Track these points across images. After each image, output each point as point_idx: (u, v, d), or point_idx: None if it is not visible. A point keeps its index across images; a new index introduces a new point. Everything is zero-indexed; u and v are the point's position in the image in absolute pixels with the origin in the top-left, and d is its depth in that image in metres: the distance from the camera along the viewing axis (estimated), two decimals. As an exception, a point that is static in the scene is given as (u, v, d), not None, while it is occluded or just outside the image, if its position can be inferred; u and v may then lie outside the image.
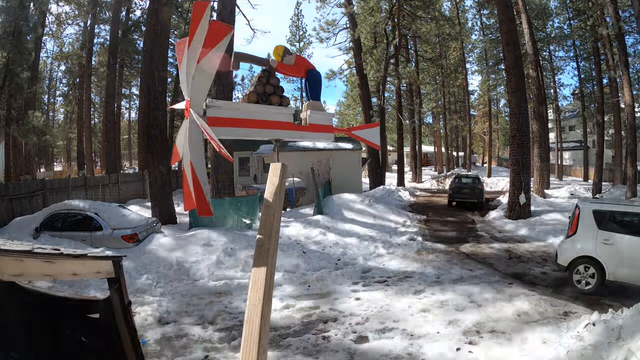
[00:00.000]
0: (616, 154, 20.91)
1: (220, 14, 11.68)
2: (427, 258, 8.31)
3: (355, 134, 3.36)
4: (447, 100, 35.31)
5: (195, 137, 2.22)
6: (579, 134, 31.76)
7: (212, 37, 2.07)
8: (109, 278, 2.15)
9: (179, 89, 22.25)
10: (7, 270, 1.99)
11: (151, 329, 5.00)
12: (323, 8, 22.28)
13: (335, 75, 23.76)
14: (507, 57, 12.37)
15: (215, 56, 2.12)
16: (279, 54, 2.86)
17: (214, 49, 2.10)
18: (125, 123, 39.03)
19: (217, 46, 2.10)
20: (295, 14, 38.32)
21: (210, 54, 2.10)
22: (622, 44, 17.89)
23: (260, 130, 2.55)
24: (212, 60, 2.12)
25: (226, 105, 2.45)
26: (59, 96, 33.09)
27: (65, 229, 8.03)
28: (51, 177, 24.77)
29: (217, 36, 2.10)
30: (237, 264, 7.30)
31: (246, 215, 9.88)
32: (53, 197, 11.76)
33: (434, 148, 41.49)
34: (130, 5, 23.29)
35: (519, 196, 11.94)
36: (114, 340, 2.21)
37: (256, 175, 20.54)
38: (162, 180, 11.02)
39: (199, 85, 2.15)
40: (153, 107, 11.21)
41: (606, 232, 5.98)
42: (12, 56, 13.61)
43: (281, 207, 2.39)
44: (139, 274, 6.85)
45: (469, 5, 33.11)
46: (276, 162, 2.51)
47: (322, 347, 4.46)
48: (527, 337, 4.45)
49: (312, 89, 2.99)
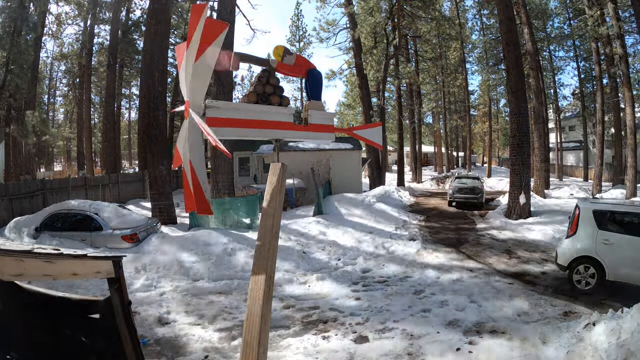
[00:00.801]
0: (616, 154, 20.92)
1: (220, 14, 11.68)
2: (427, 258, 8.31)
3: (356, 133, 3.36)
4: (447, 100, 35.31)
5: (195, 137, 2.23)
6: (579, 134, 31.74)
7: (207, 35, 2.07)
8: (109, 278, 2.15)
9: (179, 89, 22.34)
10: (7, 270, 1.99)
11: (151, 329, 5.00)
12: (323, 8, 22.33)
13: (335, 75, 23.76)
14: (507, 57, 12.36)
15: (211, 54, 2.12)
16: (279, 54, 2.86)
17: (210, 47, 2.10)
18: (125, 123, 39.05)
19: (213, 44, 2.10)
20: (295, 14, 38.39)
21: (206, 52, 2.10)
22: (622, 44, 17.91)
23: (260, 131, 2.55)
24: (208, 58, 2.12)
25: (225, 105, 2.46)
26: (59, 96, 33.14)
27: (65, 229, 8.02)
28: (51, 177, 24.77)
29: (213, 34, 2.09)
30: (237, 264, 7.31)
31: (246, 215, 9.88)
32: (53, 197, 11.77)
33: (434, 148, 41.46)
34: (130, 5, 23.32)
35: (519, 196, 11.93)
36: (114, 340, 2.21)
37: (256, 175, 20.54)
38: (162, 180, 11.03)
39: (197, 85, 2.15)
40: (153, 107, 11.21)
41: (606, 232, 5.98)
42: (12, 56, 13.61)
43: (281, 207, 2.39)
44: (139, 274, 6.85)
45: (469, 5, 33.14)
46: (276, 162, 2.52)
47: (322, 347, 4.46)
48: (527, 337, 4.46)
49: (313, 89, 2.98)
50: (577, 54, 27.55)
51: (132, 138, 40.20)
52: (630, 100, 16.85)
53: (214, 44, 2.10)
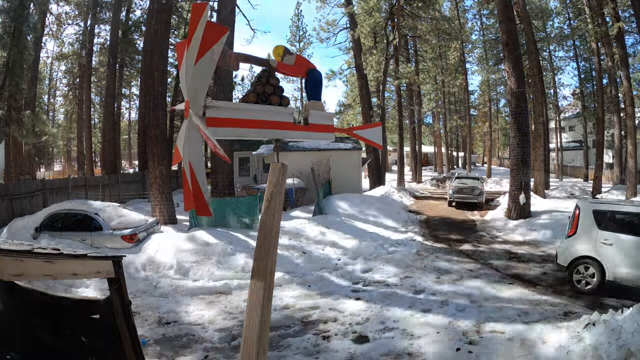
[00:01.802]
0: (616, 154, 20.91)
1: (220, 14, 11.69)
2: (427, 258, 8.32)
3: (356, 133, 3.35)
4: (447, 100, 35.30)
5: (194, 137, 2.22)
6: (579, 134, 31.73)
7: (207, 38, 2.07)
8: (109, 278, 2.15)
9: (179, 89, 22.29)
10: (7, 270, 1.99)
11: (151, 329, 5.00)
12: (323, 8, 22.31)
13: (335, 75, 23.76)
14: (507, 57, 12.36)
15: (211, 57, 2.12)
16: (279, 54, 2.86)
17: (209, 51, 2.11)
18: (125, 123, 39.03)
19: (212, 48, 2.11)
20: (295, 14, 38.23)
21: (206, 56, 2.10)
22: (622, 44, 17.90)
23: (260, 131, 2.55)
24: (208, 62, 2.13)
25: (225, 105, 2.45)
26: (59, 96, 33.10)
27: (65, 229, 8.02)
28: (51, 177, 24.78)
29: (213, 38, 2.10)
30: (236, 264, 7.31)
31: (246, 215, 9.87)
32: (53, 197, 11.76)
33: (434, 148, 41.43)
34: (130, 5, 23.29)
35: (519, 196, 11.93)
36: (114, 340, 2.21)
37: (256, 175, 20.53)
38: (162, 180, 11.02)
39: (196, 86, 2.15)
40: (153, 107, 11.20)
41: (606, 232, 5.98)
42: (12, 56, 13.61)
43: (281, 207, 2.39)
44: (139, 274, 6.85)
45: (469, 5, 33.14)
46: (276, 162, 2.51)
47: (322, 347, 4.46)
48: (527, 337, 4.45)
49: (313, 89, 2.98)
50: (577, 54, 27.53)
51: (132, 138, 40.20)
52: (630, 100, 16.85)
53: (214, 47, 2.11)
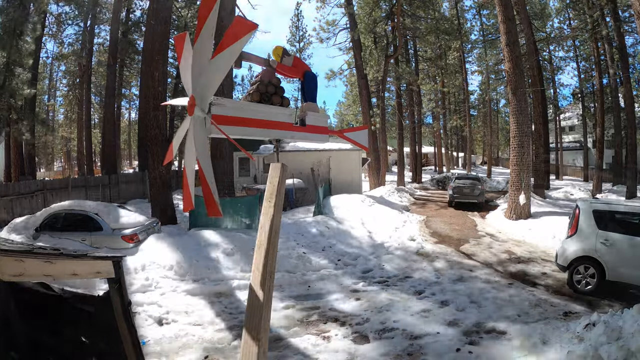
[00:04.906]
0: (616, 154, 20.92)
1: (220, 14, 11.68)
2: (427, 258, 8.31)
3: (346, 135, 3.43)
4: (447, 101, 35.29)
5: (201, 134, 2.21)
6: (579, 134, 31.74)
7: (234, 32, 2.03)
8: (109, 278, 2.15)
9: (179, 89, 22.28)
10: (7, 270, 1.98)
11: (151, 329, 5.00)
12: (323, 8, 22.28)
13: (335, 75, 23.73)
14: (507, 57, 12.36)
15: (233, 52, 2.06)
16: (279, 55, 2.88)
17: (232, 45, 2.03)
18: (125, 123, 39.03)
19: (237, 42, 2.04)
20: (295, 14, 38.19)
21: (228, 49, 2.03)
22: (622, 44, 17.91)
23: (261, 130, 2.55)
24: (229, 56, 2.06)
25: (230, 103, 2.44)
26: (59, 96, 33.08)
27: (65, 229, 8.01)
28: (51, 177, 24.78)
29: (240, 32, 2.03)
30: (236, 264, 7.30)
31: (246, 215, 9.87)
32: (53, 197, 11.77)
33: (434, 148, 41.42)
34: (130, 5, 23.29)
35: (519, 196, 11.93)
36: (114, 340, 2.21)
37: (256, 175, 20.52)
38: (162, 180, 11.01)
39: (209, 81, 2.10)
40: (153, 107, 11.18)
41: (606, 232, 5.98)
42: (12, 56, 13.60)
43: (281, 207, 2.39)
44: (139, 274, 6.84)
45: (469, 5, 33.15)
46: (276, 162, 2.51)
47: (322, 347, 4.46)
48: (527, 337, 4.45)
49: (309, 91, 3.02)
50: (577, 54, 27.53)
51: (132, 138, 40.19)
52: (630, 101, 16.86)
53: (239, 42, 2.04)
